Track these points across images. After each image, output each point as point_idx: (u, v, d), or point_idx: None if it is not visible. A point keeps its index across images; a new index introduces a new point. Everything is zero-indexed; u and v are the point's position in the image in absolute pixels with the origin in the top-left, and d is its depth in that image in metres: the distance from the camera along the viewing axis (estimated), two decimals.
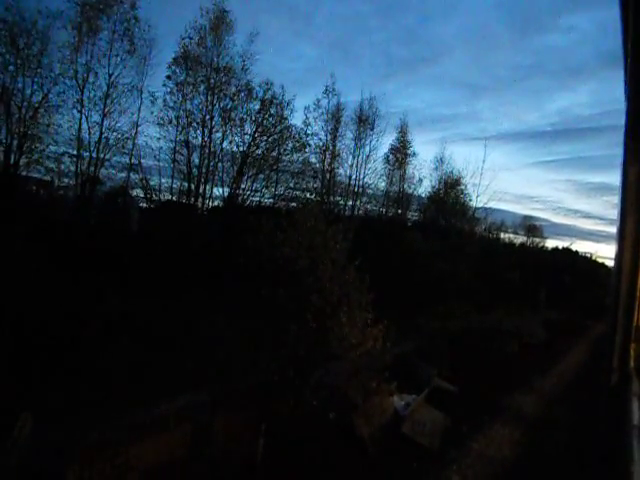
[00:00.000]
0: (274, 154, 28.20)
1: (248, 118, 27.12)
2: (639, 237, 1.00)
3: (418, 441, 13.29)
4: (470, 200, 36.79)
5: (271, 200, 28.78)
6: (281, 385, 11.75)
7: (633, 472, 0.92)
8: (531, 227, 55.59)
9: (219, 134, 26.80)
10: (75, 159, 23.49)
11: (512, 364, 22.05)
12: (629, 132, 1.01)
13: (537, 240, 54.79)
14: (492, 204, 38.67)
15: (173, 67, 25.43)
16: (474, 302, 26.83)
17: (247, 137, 27.20)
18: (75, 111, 23.32)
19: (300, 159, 29.44)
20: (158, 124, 25.32)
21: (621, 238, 1.06)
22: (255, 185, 27.82)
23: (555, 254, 56.16)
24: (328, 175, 32.07)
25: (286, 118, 28.35)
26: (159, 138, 25.47)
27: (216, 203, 28.06)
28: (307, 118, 30.77)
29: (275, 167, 28.50)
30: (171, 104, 25.40)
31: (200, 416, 10.76)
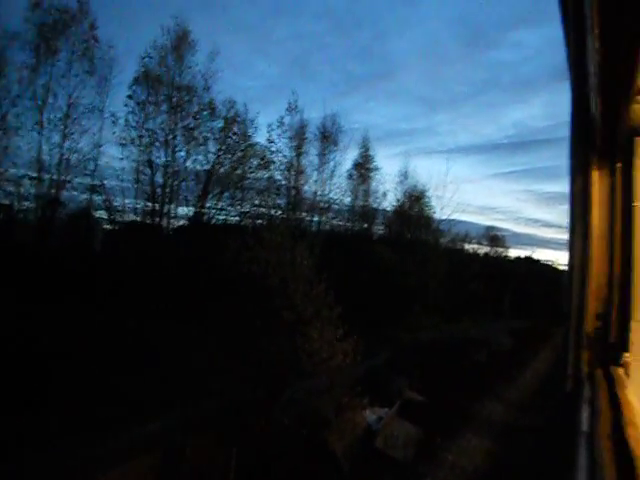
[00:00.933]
0: (239, 172, 28.18)
1: (211, 136, 27.07)
2: (585, 247, 1.06)
3: (391, 455, 13.29)
4: (434, 213, 37.49)
5: (237, 218, 28.67)
6: (252, 404, 11.65)
7: None
8: (494, 237, 56.73)
9: (182, 153, 26.64)
10: (35, 181, 22.93)
11: (481, 373, 22.35)
12: (573, 146, 1.08)
13: (500, 250, 55.95)
14: (456, 216, 39.39)
15: (134, 87, 25.23)
16: (442, 313, 27.23)
17: (211, 155, 27.13)
18: (35, 133, 22.84)
19: (265, 176, 29.50)
20: (120, 144, 24.99)
21: (571, 247, 1.13)
22: (220, 203, 27.71)
23: (517, 263, 57.45)
24: (293, 192, 32.17)
25: (250, 136, 28.45)
26: (122, 158, 25.12)
27: (181, 222, 27.78)
28: (271, 135, 30.83)
29: (240, 185, 28.45)
30: (133, 124, 25.13)
31: (170, 440, 10.54)
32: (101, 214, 25.75)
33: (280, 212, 30.11)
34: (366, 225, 35.35)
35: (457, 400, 17.94)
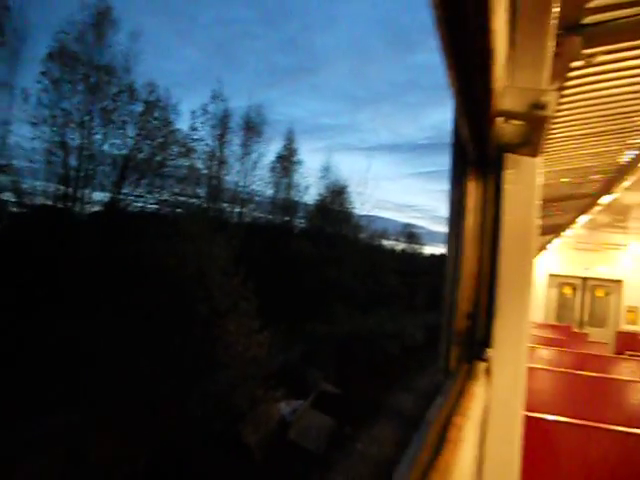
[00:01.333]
0: (158, 158, 27.24)
1: (131, 120, 25.95)
2: (458, 250, 1.16)
3: (304, 446, 13.49)
4: (355, 208, 38.23)
5: (156, 206, 27.75)
6: (165, 399, 11.38)
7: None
8: (411, 234, 58.54)
9: (99, 136, 25.37)
10: None
11: (394, 365, 23.08)
12: (453, 159, 1.18)
13: (416, 247, 58.00)
14: (375, 212, 40.40)
15: (48, 63, 23.66)
16: (359, 307, 27.81)
17: (129, 140, 26.03)
18: None
19: (186, 164, 28.72)
20: (31, 123, 23.41)
21: (448, 251, 1.23)
22: (138, 190, 26.67)
23: (432, 259, 59.82)
24: (215, 182, 31.59)
25: (171, 122, 27.51)
26: (33, 138, 23.53)
27: (96, 208, 26.48)
28: (194, 123, 30.01)
29: (160, 172, 27.52)
30: (46, 102, 23.62)
31: (73, 437, 10.08)
32: (8, 196, 24.04)
33: (200, 202, 29.49)
34: (288, 218, 35.45)
35: (370, 391, 18.47)
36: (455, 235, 1.23)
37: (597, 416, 4.04)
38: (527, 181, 1.19)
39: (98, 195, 26.33)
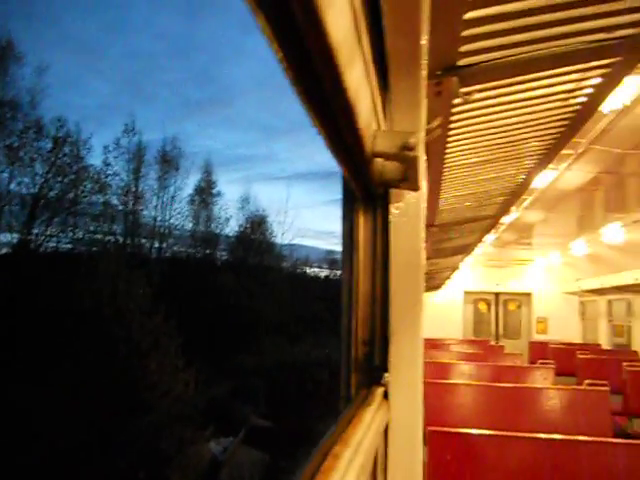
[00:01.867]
0: (71, 196, 26.09)
1: (39, 157, 24.74)
2: (352, 282, 1.23)
3: None
4: (276, 238, 38.18)
5: (70, 245, 26.43)
6: (81, 449, 10.68)
7: None
8: (333, 261, 59.32)
9: (5, 174, 23.97)
10: None
11: (323, 392, 23.01)
12: (343, 195, 1.24)
13: (338, 272, 58.84)
14: (297, 241, 40.50)
15: None
16: (286, 335, 27.63)
17: (39, 178, 24.76)
18: None
19: (100, 201, 27.67)
20: None
21: (343, 282, 1.29)
22: (50, 230, 25.31)
23: None
24: (132, 217, 30.55)
25: (83, 157, 26.52)
26: None
27: (4, 251, 24.82)
28: (107, 158, 29.03)
29: (72, 210, 26.33)
30: None
31: None
32: None
33: (117, 238, 28.41)
34: (209, 251, 34.78)
35: (302, 421, 18.28)
36: (349, 266, 1.29)
37: (514, 425, 4.24)
38: (412, 213, 1.29)
39: (5, 237, 24.80)
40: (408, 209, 1.29)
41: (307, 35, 0.58)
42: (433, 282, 12.39)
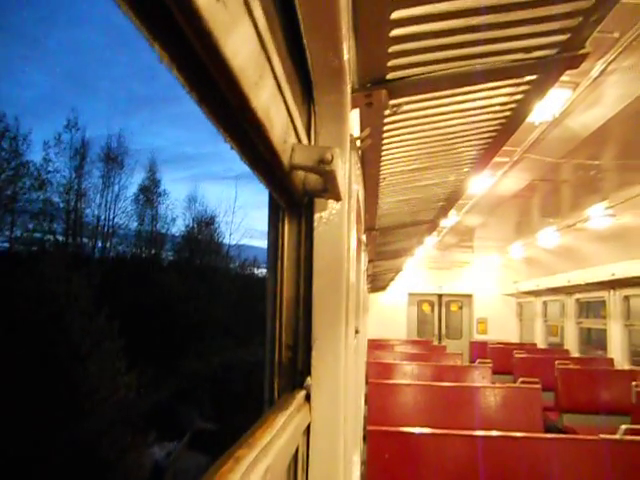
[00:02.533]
0: (8, 193, 24.94)
1: None
2: (277, 287, 1.27)
3: None
4: (224, 238, 37.63)
5: (6, 245, 25.25)
6: (13, 460, 10.24)
7: None
8: None
9: None
10: None
11: None
12: (270, 203, 1.28)
13: None
14: (245, 241, 40.09)
15: None
16: (233, 337, 27.38)
17: None
18: None
19: (40, 198, 26.59)
20: None
21: (267, 288, 1.33)
22: None
23: None
24: (73, 215, 29.46)
25: (22, 153, 25.42)
26: None
27: None
28: (48, 154, 27.88)
29: (10, 207, 25.17)
30: None
31: None
32: None
33: (57, 238, 27.36)
34: (155, 251, 33.92)
35: (249, 424, 18.13)
36: (274, 272, 1.32)
37: (454, 423, 4.39)
38: (336, 221, 1.34)
39: None
40: (332, 218, 1.34)
41: (208, 61, 0.61)
42: (378, 284, 12.60)
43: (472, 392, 5.46)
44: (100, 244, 30.93)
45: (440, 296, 15.44)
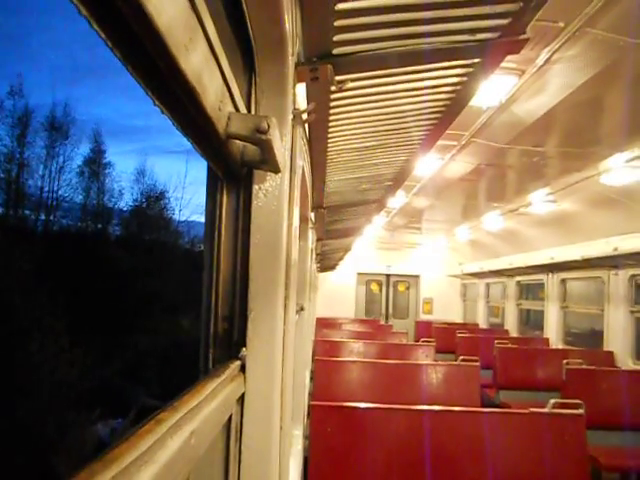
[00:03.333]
0: None
1: None
2: (214, 258, 1.27)
3: None
4: (173, 214, 36.78)
5: None
6: None
7: None
8: None
9: None
10: None
11: None
12: (208, 173, 1.26)
13: None
14: (195, 218, 39.36)
15: None
16: (183, 314, 27.06)
17: None
18: None
19: None
20: None
21: (204, 259, 1.33)
22: None
23: None
24: (14, 187, 28.14)
25: None
26: None
27: None
28: None
29: None
30: None
31: None
32: None
33: None
34: (101, 226, 32.86)
35: None
36: (210, 244, 1.32)
37: (397, 398, 4.51)
38: (274, 194, 1.34)
39: None
40: (272, 190, 1.33)
41: (131, 18, 0.59)
42: (327, 263, 12.69)
43: (415, 369, 5.64)
44: (43, 217, 29.74)
45: (388, 276, 15.70)
